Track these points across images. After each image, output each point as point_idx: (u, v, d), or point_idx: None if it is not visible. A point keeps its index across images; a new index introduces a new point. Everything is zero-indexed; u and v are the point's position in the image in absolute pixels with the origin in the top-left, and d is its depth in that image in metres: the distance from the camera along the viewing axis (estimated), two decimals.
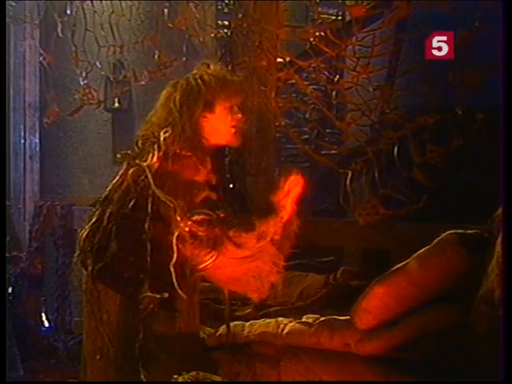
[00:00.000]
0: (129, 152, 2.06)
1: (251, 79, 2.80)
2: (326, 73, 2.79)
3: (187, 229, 1.92)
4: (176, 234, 1.91)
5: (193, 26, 3.24)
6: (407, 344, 2.04)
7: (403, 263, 2.10)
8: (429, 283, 2.03)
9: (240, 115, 2.10)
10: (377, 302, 2.09)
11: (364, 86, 2.59)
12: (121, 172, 2.06)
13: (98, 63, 3.59)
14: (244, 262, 1.96)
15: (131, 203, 1.97)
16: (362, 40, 2.57)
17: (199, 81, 2.08)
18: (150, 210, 1.94)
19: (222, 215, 1.96)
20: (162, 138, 2.00)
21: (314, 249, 3.20)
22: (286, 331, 2.24)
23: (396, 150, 2.49)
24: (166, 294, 1.94)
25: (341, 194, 2.64)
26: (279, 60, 2.84)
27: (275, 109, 2.79)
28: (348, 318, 2.17)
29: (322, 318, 2.25)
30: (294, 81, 2.88)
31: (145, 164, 1.97)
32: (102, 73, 3.69)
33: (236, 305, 2.36)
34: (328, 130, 3.17)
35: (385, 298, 2.08)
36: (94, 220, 2.03)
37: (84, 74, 3.60)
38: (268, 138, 2.91)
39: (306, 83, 2.87)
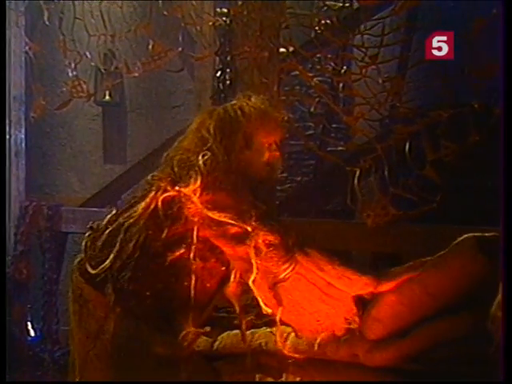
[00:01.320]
0: (162, 175, 2.03)
1: (252, 71, 2.80)
2: (332, 64, 2.79)
3: (261, 240, 1.93)
4: (252, 244, 1.92)
5: (189, 13, 3.23)
6: (419, 355, 2.04)
7: (412, 263, 2.09)
8: (444, 290, 2.02)
9: (278, 153, 2.10)
10: (387, 310, 2.08)
11: (373, 78, 2.58)
12: (150, 196, 2.00)
13: (87, 53, 3.59)
14: (318, 293, 1.98)
15: (163, 234, 1.96)
16: (371, 29, 2.57)
17: (239, 112, 2.07)
18: (195, 237, 1.94)
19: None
20: (201, 162, 1.99)
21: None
22: (289, 341, 2.24)
23: (407, 146, 2.48)
24: (208, 328, 1.95)
25: (348, 194, 2.63)
26: (282, 50, 2.84)
27: (278, 102, 2.78)
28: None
29: None
30: (297, 72, 2.88)
31: (189, 189, 1.95)
32: (92, 63, 3.69)
33: (235, 312, 2.36)
34: (334, 125, 3.17)
35: (396, 306, 2.07)
36: (117, 248, 2.00)
37: (73, 65, 3.60)
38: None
39: (310, 75, 2.87)
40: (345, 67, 2.79)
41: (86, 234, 2.06)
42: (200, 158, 1.99)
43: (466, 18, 2.26)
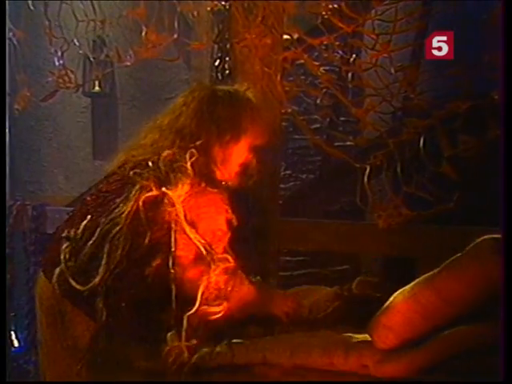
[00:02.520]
0: (147, 173, 2.01)
1: (253, 59, 2.80)
2: (340, 52, 2.78)
3: (213, 279, 1.93)
4: (205, 283, 1.91)
5: None
6: (433, 366, 2.04)
7: (430, 273, 2.09)
8: (460, 297, 2.02)
9: (251, 156, 2.10)
10: (399, 317, 2.09)
11: (385, 67, 2.58)
12: (131, 194, 1.99)
13: (75, 40, 3.59)
14: None
15: (146, 239, 1.94)
16: (383, 14, 2.57)
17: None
18: (172, 247, 1.92)
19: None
20: (189, 164, 1.98)
21: (326, 256, 3.21)
22: (293, 350, 2.24)
23: (422, 141, 2.48)
24: (195, 341, 1.95)
25: (357, 193, 2.63)
26: (286, 37, 2.83)
27: (281, 94, 2.78)
28: (365, 335, 2.17)
29: (335, 336, 2.25)
30: (302, 61, 2.87)
31: (175, 194, 1.93)
32: (81, 52, 3.69)
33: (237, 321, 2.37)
34: (342, 119, 3.17)
35: (409, 313, 2.08)
36: (104, 260, 1.98)
37: (59, 53, 3.60)
38: (273, 127, 2.90)
39: (316, 64, 2.87)
40: (354, 55, 2.79)
41: (64, 246, 2.02)
42: (187, 157, 1.98)
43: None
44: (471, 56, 2.36)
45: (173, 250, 1.91)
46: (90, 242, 1.97)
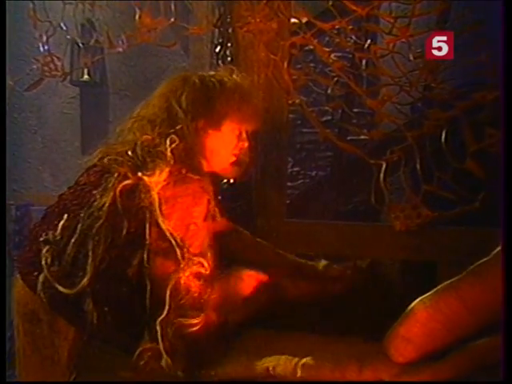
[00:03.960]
0: (122, 159, 2.02)
1: (257, 45, 2.80)
2: (353, 37, 2.79)
3: (182, 280, 1.92)
4: (172, 282, 1.91)
5: None
6: (456, 380, 2.05)
7: (453, 280, 2.10)
8: (486, 305, 2.03)
9: (246, 144, 2.11)
10: (419, 328, 2.09)
11: (403, 54, 2.58)
12: (110, 184, 2.00)
13: (62, 24, 3.59)
14: None
15: (124, 231, 1.95)
16: None
17: (217, 84, 2.09)
18: (148, 240, 1.92)
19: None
20: (169, 150, 1.99)
21: (339, 261, 3.17)
22: (301, 364, 2.25)
23: (444, 134, 2.49)
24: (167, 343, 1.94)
25: (372, 192, 2.64)
26: (293, 21, 2.84)
27: (288, 83, 2.79)
28: (381, 347, 2.18)
29: (348, 349, 2.25)
30: (312, 47, 2.88)
31: (151, 180, 1.94)
32: (68, 36, 3.70)
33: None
34: (356, 110, 3.17)
35: (429, 323, 2.08)
36: (90, 258, 1.99)
37: (44, 38, 3.60)
38: (279, 120, 2.91)
39: (327, 50, 2.87)
40: (369, 41, 2.79)
41: (44, 250, 2.02)
42: (168, 143, 1.99)
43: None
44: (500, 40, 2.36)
45: (147, 242, 1.91)
46: (72, 240, 1.98)
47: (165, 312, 1.89)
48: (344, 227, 2.89)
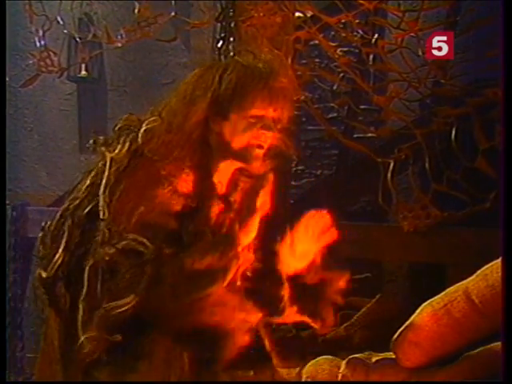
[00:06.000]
0: (100, 137, 2.05)
1: (261, 40, 2.81)
2: (360, 31, 2.79)
3: (107, 258, 1.92)
4: (91, 262, 1.91)
5: None
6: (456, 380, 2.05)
7: (464, 282, 2.09)
8: (497, 308, 2.03)
9: (271, 133, 2.03)
10: (428, 332, 2.09)
11: (411, 49, 2.58)
12: (94, 166, 2.05)
13: (59, 18, 3.60)
14: None
15: (88, 207, 1.96)
16: None
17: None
18: (101, 215, 1.93)
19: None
20: (143, 129, 1.99)
21: (345, 263, 3.17)
22: (305, 370, 2.25)
23: (454, 132, 2.49)
24: (119, 337, 1.92)
25: (380, 191, 2.64)
26: (298, 15, 2.84)
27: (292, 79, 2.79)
28: (389, 352, 2.18)
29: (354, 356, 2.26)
30: (317, 42, 2.88)
31: (109, 156, 1.97)
32: (65, 31, 3.70)
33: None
34: (362, 107, 3.17)
35: (439, 327, 2.08)
36: (65, 238, 2.01)
37: (41, 33, 3.61)
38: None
39: (333, 45, 2.87)
40: (376, 35, 2.79)
41: (39, 236, 2.05)
42: (145, 122, 1.98)
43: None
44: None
45: (101, 217, 1.92)
46: (53, 222, 2.00)
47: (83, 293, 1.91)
48: (350, 228, 2.89)
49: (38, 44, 3.64)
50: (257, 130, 1.99)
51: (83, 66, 3.94)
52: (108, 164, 1.95)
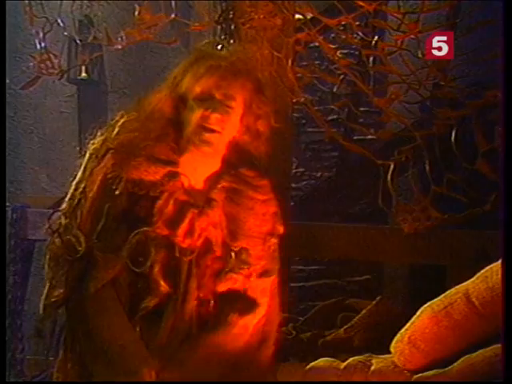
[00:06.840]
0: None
1: (261, 42, 2.81)
2: (360, 33, 2.79)
3: (54, 247, 1.97)
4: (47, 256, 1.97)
5: None
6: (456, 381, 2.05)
7: (464, 284, 2.09)
8: (499, 310, 2.03)
9: (220, 116, 1.97)
10: (427, 334, 2.10)
11: (411, 51, 2.58)
12: None
13: (59, 20, 3.59)
14: None
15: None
16: None
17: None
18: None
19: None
20: (119, 123, 2.02)
21: (344, 265, 3.19)
22: (306, 370, 2.26)
23: (454, 134, 2.49)
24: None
25: (379, 193, 2.64)
26: (298, 17, 2.84)
27: (292, 81, 2.79)
28: (389, 355, 2.18)
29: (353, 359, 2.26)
30: (317, 44, 2.88)
31: (88, 148, 2.04)
32: (65, 33, 3.70)
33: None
34: (362, 109, 3.17)
35: (439, 329, 2.08)
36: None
37: (41, 35, 3.61)
38: (283, 119, 2.91)
39: (333, 47, 2.87)
40: (376, 37, 2.79)
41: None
42: (118, 117, 2.03)
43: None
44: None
45: (61, 209, 2.01)
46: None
47: None
48: (350, 230, 2.89)
49: (38, 46, 3.64)
50: (204, 111, 1.97)
51: (83, 68, 3.95)
52: (87, 156, 2.03)
